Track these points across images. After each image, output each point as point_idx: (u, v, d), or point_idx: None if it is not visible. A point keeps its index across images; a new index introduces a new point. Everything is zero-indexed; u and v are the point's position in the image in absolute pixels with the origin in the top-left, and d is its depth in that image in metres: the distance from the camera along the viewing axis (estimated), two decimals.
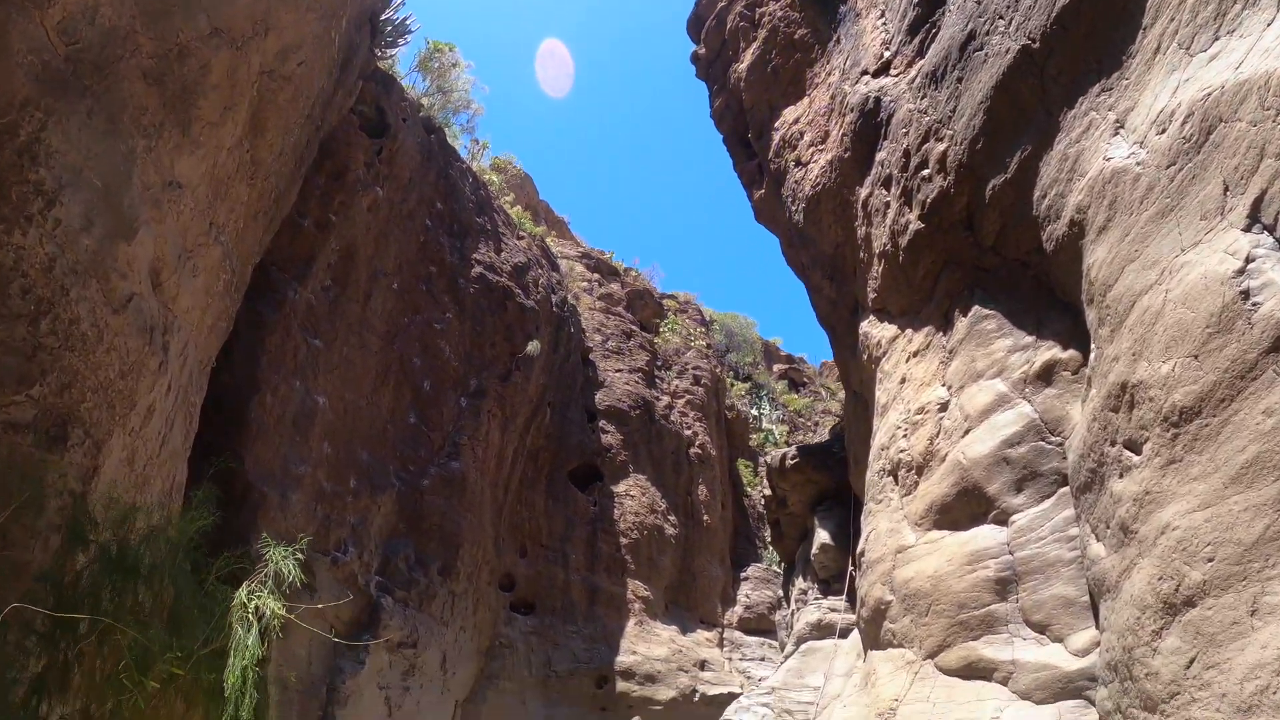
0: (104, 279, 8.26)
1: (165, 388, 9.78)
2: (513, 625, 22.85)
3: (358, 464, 19.00)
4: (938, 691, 9.28)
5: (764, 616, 27.82)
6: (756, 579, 28.73)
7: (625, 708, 23.33)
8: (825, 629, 17.05)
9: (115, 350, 8.38)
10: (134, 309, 8.69)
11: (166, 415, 10.27)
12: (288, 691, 16.21)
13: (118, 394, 8.49)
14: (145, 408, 9.21)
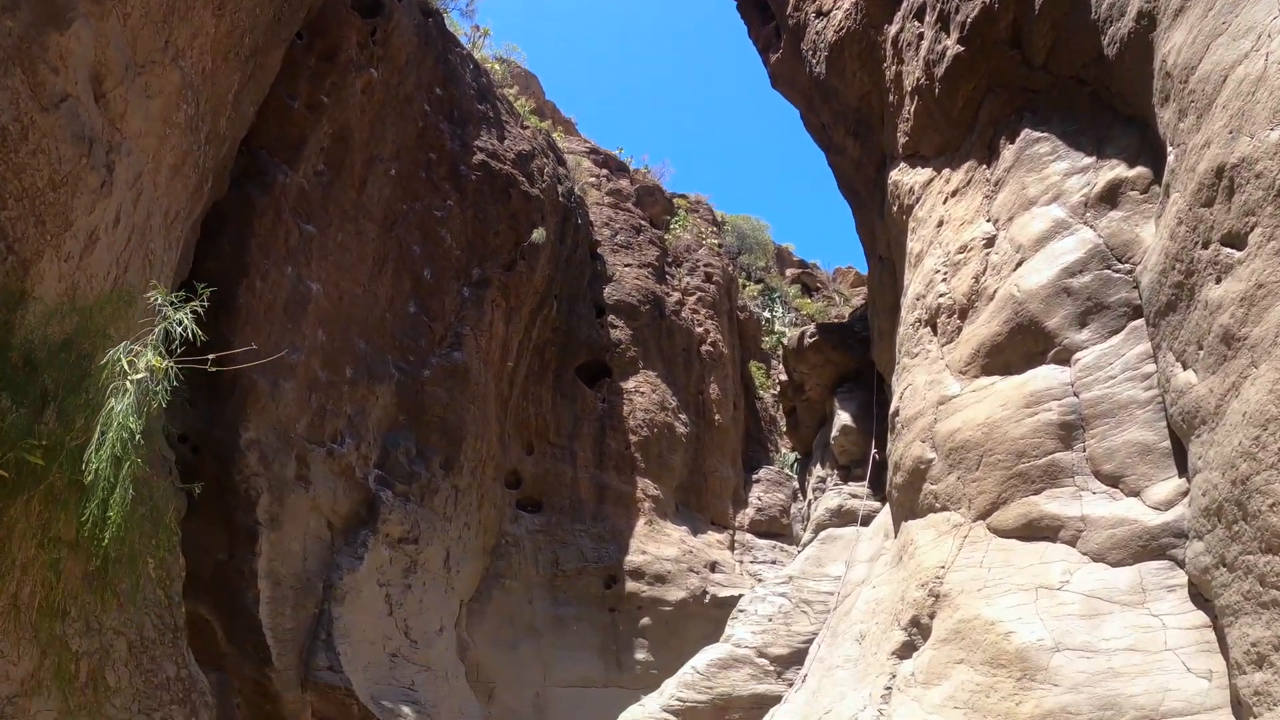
0: (30, 69, 7.08)
1: (112, 217, 8.63)
2: (519, 523, 21.94)
3: (354, 353, 17.93)
4: (992, 556, 8.22)
5: (776, 519, 26.90)
6: (769, 481, 27.76)
7: (634, 608, 22.50)
8: (846, 516, 16.02)
9: (44, 154, 7.21)
10: (68, 112, 7.51)
11: (117, 254, 9.14)
12: (280, 587, 15.30)
13: (48, 207, 7.34)
14: (86, 233, 8.06)
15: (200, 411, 14.62)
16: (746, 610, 15.70)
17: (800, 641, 14.98)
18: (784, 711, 12.56)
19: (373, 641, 16.80)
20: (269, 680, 14.68)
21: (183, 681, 10.96)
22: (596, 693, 21.80)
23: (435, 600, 18.71)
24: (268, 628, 14.79)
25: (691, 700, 14.86)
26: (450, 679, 18.42)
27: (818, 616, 15.02)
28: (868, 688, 9.46)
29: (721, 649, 15.40)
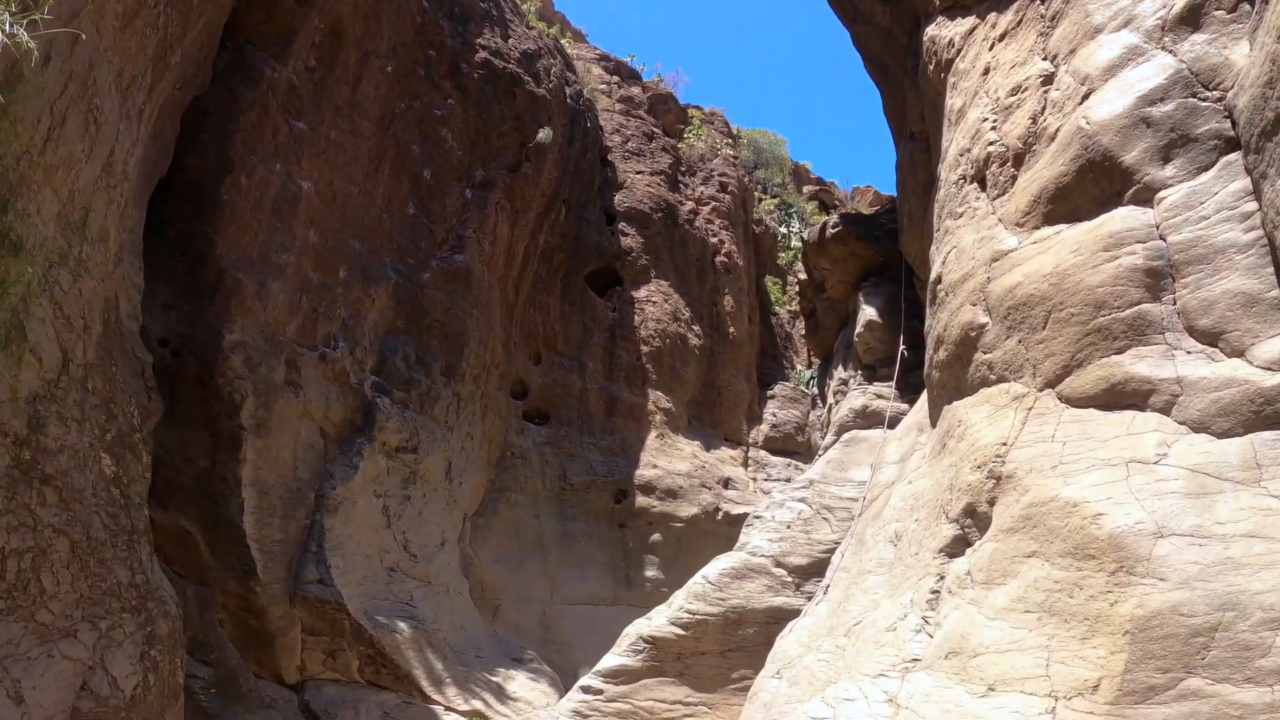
0: None
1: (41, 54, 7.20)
2: (525, 435, 20.70)
3: (349, 254, 16.56)
4: (1066, 429, 6.78)
5: (790, 436, 25.63)
6: (784, 398, 26.44)
7: (644, 523, 21.32)
8: (871, 417, 14.68)
9: None
10: None
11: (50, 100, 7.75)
12: (268, 497, 14.11)
13: None
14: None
15: (181, 314, 13.42)
16: (763, 517, 14.43)
17: (821, 551, 13.71)
18: (804, 625, 11.33)
19: (368, 555, 15.66)
20: (254, 594, 13.56)
21: (137, 588, 9.75)
22: (605, 610, 20.71)
23: (436, 513, 17.55)
24: (253, 539, 13.64)
25: (701, 612, 13.70)
26: (452, 594, 17.32)
27: (840, 524, 13.74)
28: (908, 593, 8.17)
29: (735, 558, 14.17)
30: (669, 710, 13.48)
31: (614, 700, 13.48)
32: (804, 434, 25.96)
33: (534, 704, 15.99)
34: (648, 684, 13.60)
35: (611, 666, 13.81)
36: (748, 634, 13.58)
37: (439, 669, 15.36)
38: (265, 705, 13.03)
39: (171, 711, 10.04)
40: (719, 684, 13.70)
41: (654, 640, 13.74)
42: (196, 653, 12.41)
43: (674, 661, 13.64)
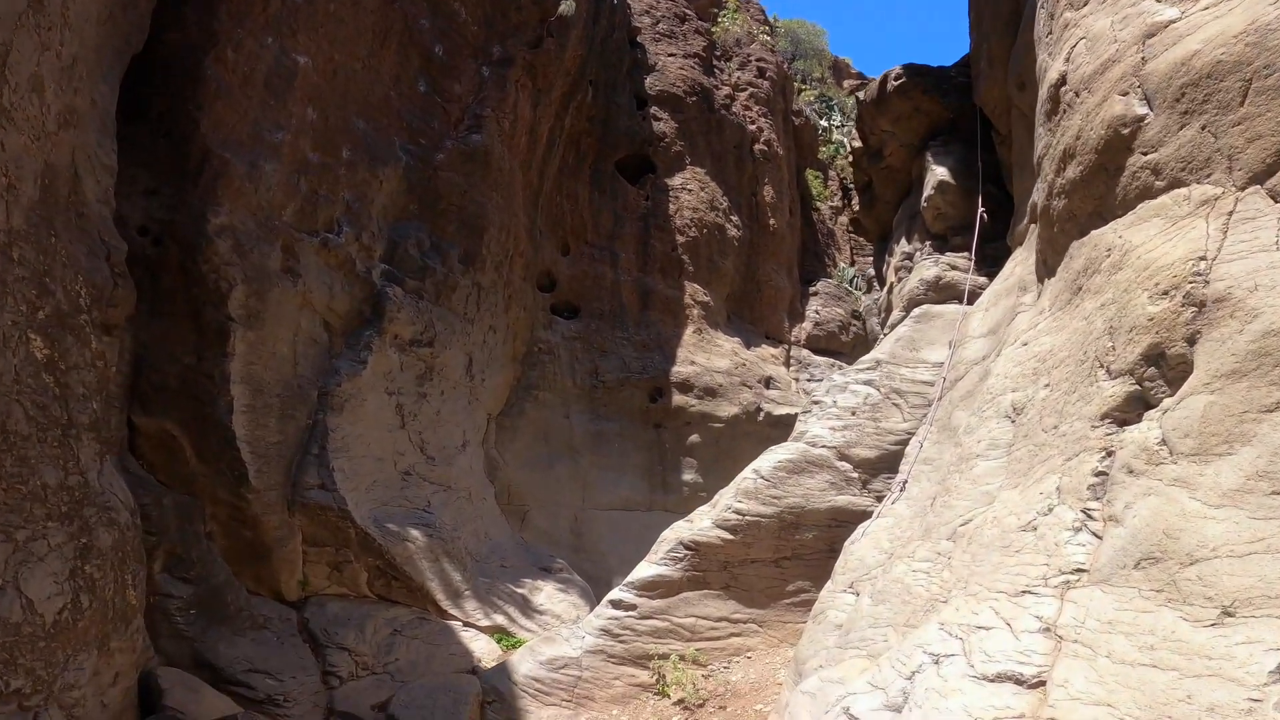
0: None
1: None
2: (553, 329, 18.42)
3: (352, 133, 14.13)
4: None
5: (834, 335, 23.22)
6: (827, 295, 23.95)
7: (681, 424, 19.10)
8: (946, 290, 12.27)
9: None
10: None
11: None
12: (263, 395, 11.92)
13: None
14: None
15: (163, 199, 11.31)
16: (823, 402, 12.11)
17: (892, 442, 11.44)
18: (880, 528, 9.12)
19: (380, 458, 13.54)
20: (246, 502, 11.48)
21: (70, 491, 7.63)
22: (640, 516, 18.63)
23: (456, 412, 15.39)
24: (244, 441, 11.53)
25: (753, 513, 11.50)
26: (475, 500, 15.23)
27: (913, 411, 11.44)
28: (1049, 479, 5.79)
29: (792, 449, 11.89)
30: (713, 629, 11.38)
31: (649, 617, 11.37)
32: (848, 333, 23.59)
33: (562, 617, 13.96)
34: (689, 598, 11.46)
35: (647, 577, 11.70)
36: (806, 539, 11.38)
37: (457, 580, 13.32)
38: (257, 626, 11.03)
39: (119, 637, 7.99)
40: (772, 598, 11.54)
41: (697, 546, 11.56)
42: (174, 569, 10.40)
43: (719, 571, 11.47)
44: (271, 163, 12.41)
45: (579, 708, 10.88)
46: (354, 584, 12.63)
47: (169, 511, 10.54)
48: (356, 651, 11.65)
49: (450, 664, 12.09)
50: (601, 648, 11.30)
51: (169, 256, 11.31)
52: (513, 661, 11.46)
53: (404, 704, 10.20)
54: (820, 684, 6.92)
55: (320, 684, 11.04)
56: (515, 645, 12.98)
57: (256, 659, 10.60)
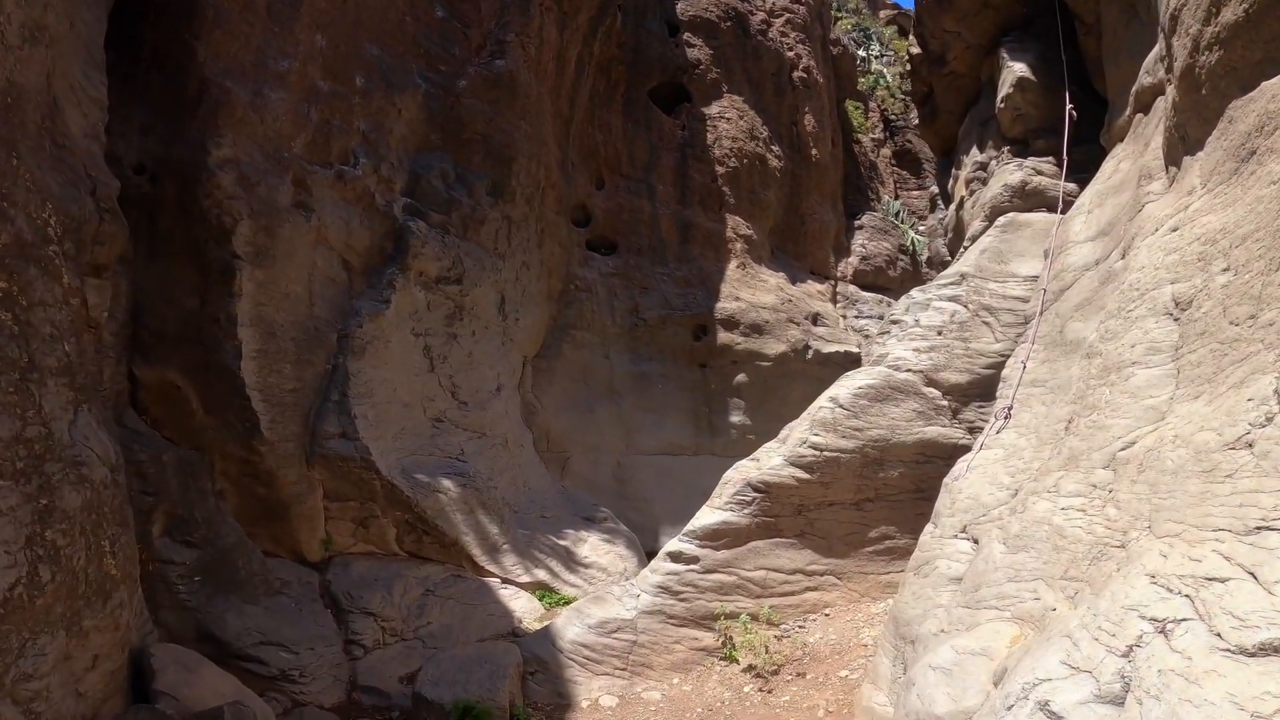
0: None
1: None
2: (590, 266, 16.79)
3: (365, 60, 12.49)
4: None
5: (881, 270, 21.43)
6: (873, 228, 22.11)
7: (728, 363, 17.49)
8: (1033, 197, 10.47)
9: None
10: None
11: None
12: (276, 339, 10.43)
13: None
14: None
15: (160, 135, 9.85)
16: (903, 321, 10.40)
17: (984, 366, 9.79)
18: (991, 460, 7.52)
19: (407, 403, 12.06)
20: (259, 455, 10.06)
21: (29, 445, 6.17)
22: (686, 460, 17.11)
23: (489, 354, 13.87)
24: (255, 389, 10.09)
25: (831, 448, 9.86)
26: (512, 447, 13.76)
27: (1005, 330, 9.76)
28: (1255, 381, 4.02)
29: (873, 374, 10.20)
30: (786, 582, 9.84)
31: (713, 571, 9.81)
32: (895, 268, 21.79)
33: (609, 570, 12.52)
34: (758, 547, 9.88)
35: (710, 525, 10.07)
36: (891, 477, 9.78)
37: (494, 534, 11.87)
38: (272, 591, 9.60)
39: (95, 614, 6.56)
40: (852, 546, 9.95)
41: (767, 488, 9.94)
42: (175, 532, 8.98)
43: (793, 517, 9.89)
44: (278, 91, 10.89)
45: (634, 677, 9.38)
46: (381, 541, 11.21)
47: (169, 468, 9.11)
48: (383, 616, 10.22)
49: (488, 626, 10.66)
50: (659, 607, 9.76)
51: (166, 193, 9.88)
52: (558, 625, 9.95)
53: (433, 679, 8.69)
54: (957, 657, 5.38)
55: (342, 655, 9.62)
56: (559, 603, 11.55)
57: (270, 629, 9.19)
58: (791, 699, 8.65)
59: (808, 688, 8.77)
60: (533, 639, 9.95)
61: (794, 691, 8.77)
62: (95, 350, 8.75)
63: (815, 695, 8.58)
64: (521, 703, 8.92)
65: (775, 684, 8.92)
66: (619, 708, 9.01)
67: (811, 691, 8.66)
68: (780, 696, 8.75)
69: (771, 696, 8.80)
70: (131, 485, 8.43)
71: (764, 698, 8.81)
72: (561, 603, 11.53)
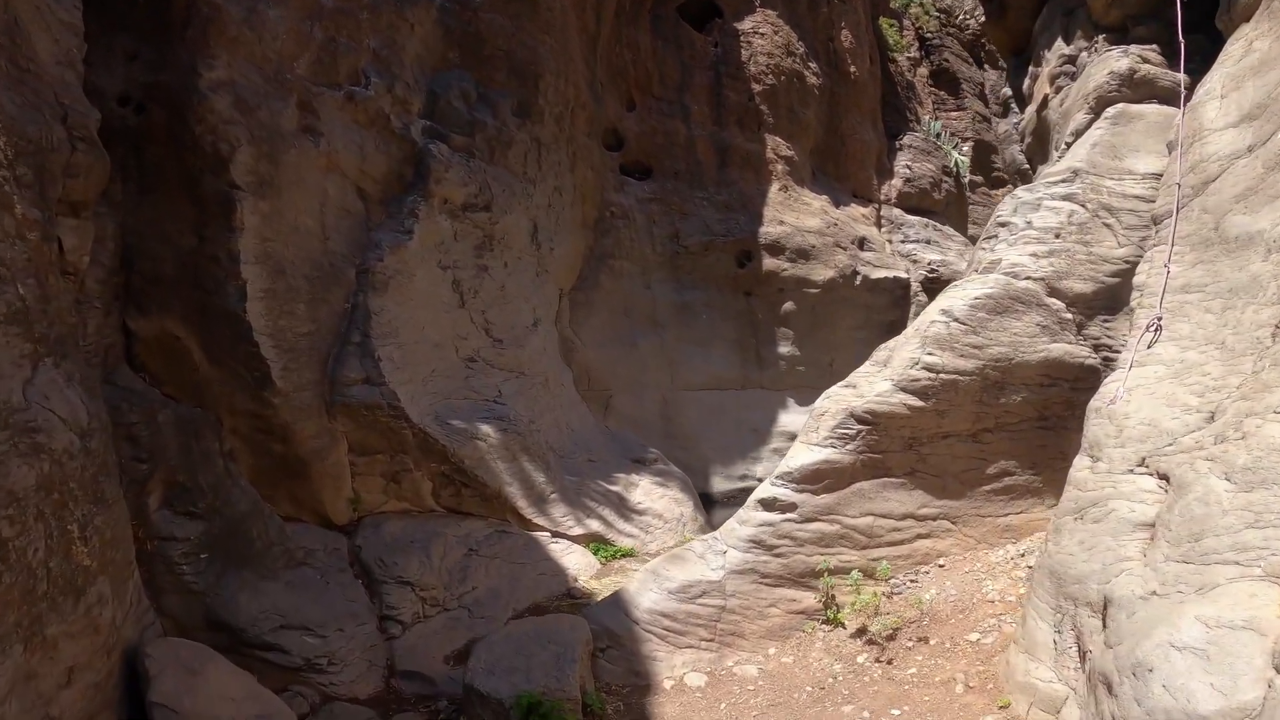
0: None
1: None
2: (625, 191, 15.07)
3: None
4: None
5: (926, 193, 19.53)
6: (915, 149, 20.14)
7: (774, 290, 15.81)
8: (1142, 86, 8.69)
9: None
10: None
11: None
12: (285, 276, 8.76)
13: None
14: None
15: (146, 62, 8.29)
16: (1013, 224, 8.62)
17: (1109, 273, 8.10)
18: (1155, 378, 5.92)
19: (437, 343, 10.52)
20: (272, 409, 8.54)
21: None
22: (734, 395, 15.55)
23: (523, 286, 12.27)
24: (265, 333, 8.54)
25: (948, 369, 8.11)
26: (552, 387, 12.22)
27: (1128, 233, 8.05)
28: None
29: (990, 282, 8.41)
30: (895, 530, 8.19)
31: (813, 519, 8.14)
32: (940, 190, 19.88)
33: (664, 516, 11.06)
34: (863, 490, 8.18)
35: (809, 465, 8.27)
36: (1012, 403, 8.12)
37: (540, 482, 10.36)
38: (294, 563, 8.07)
39: (63, 618, 5.03)
40: (968, 485, 8.26)
41: (874, 419, 8.21)
42: (176, 502, 7.44)
43: (903, 452, 8.22)
44: (275, 8, 9.22)
45: (723, 648, 7.80)
46: (416, 497, 9.72)
47: (167, 429, 7.57)
48: (422, 584, 8.67)
49: (539, 587, 9.17)
50: (751, 565, 8.08)
51: (154, 123, 8.28)
52: (630, 592, 8.30)
53: (487, 666, 7.00)
54: (1209, 633, 3.78)
55: (377, 634, 8.06)
56: (615, 555, 10.09)
57: (291, 610, 7.66)
58: (919, 671, 7.05)
59: (934, 655, 7.18)
60: (601, 609, 8.29)
61: (919, 661, 7.18)
62: (76, 300, 7.29)
63: (946, 665, 7.00)
64: (592, 687, 7.34)
65: (893, 651, 7.35)
66: (709, 687, 7.43)
67: (940, 660, 7.09)
68: (904, 668, 7.16)
69: (893, 668, 7.21)
70: (122, 452, 6.96)
71: (884, 670, 7.22)
72: (619, 555, 10.09)
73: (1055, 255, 8.15)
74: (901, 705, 6.67)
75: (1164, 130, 8.45)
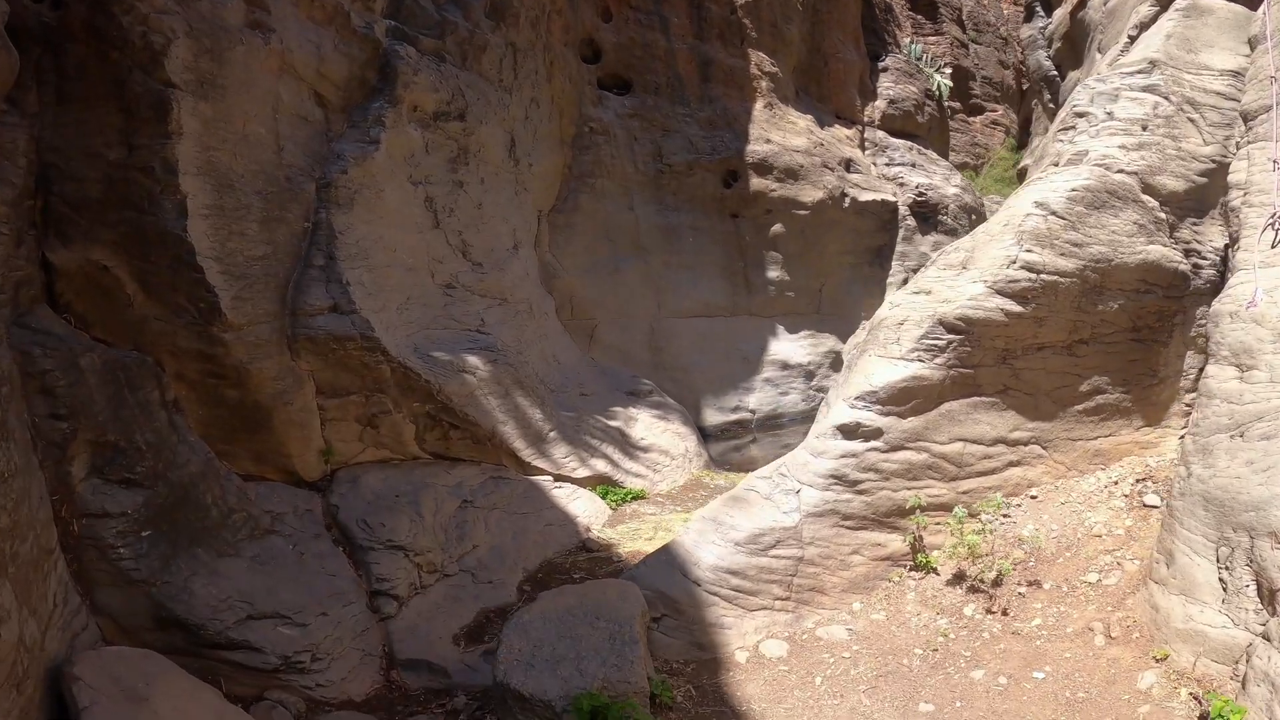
0: None
1: None
2: (604, 106, 13.41)
3: None
4: None
5: (910, 115, 18.08)
6: (898, 71, 18.62)
7: (762, 211, 14.36)
8: None
9: None
10: None
11: None
12: (235, 192, 6.87)
13: None
14: None
15: None
16: (1091, 114, 7.21)
17: (1199, 172, 6.81)
18: None
19: (411, 267, 8.95)
20: (222, 346, 6.91)
21: None
22: (723, 323, 14.17)
23: (501, 206, 10.71)
24: (210, 256, 6.89)
25: (1050, 269, 6.73)
26: (537, 315, 10.75)
27: (1212, 130, 6.78)
28: None
29: (1086, 174, 6.96)
30: (987, 456, 6.84)
31: (900, 447, 6.76)
32: (923, 114, 18.47)
33: (670, 452, 9.74)
34: (952, 411, 6.81)
35: (896, 382, 6.82)
36: (1109, 311, 6.81)
37: (537, 419, 8.90)
38: (259, 532, 6.44)
39: None
40: (1060, 404, 6.95)
41: (968, 327, 6.80)
42: (108, 469, 5.77)
43: (995, 366, 6.86)
44: None
45: (801, 607, 6.42)
46: (397, 443, 8.17)
47: (93, 378, 5.90)
48: (415, 548, 7.08)
49: (549, 540, 7.73)
50: (832, 505, 6.67)
51: (75, 17, 6.52)
52: (685, 545, 6.75)
53: (524, 656, 5.34)
54: None
55: (368, 616, 6.42)
56: (625, 499, 8.74)
57: (260, 594, 5.98)
58: (1044, 622, 5.79)
59: (1053, 602, 5.91)
60: (651, 569, 6.67)
61: (1039, 610, 5.91)
62: None
63: (1073, 613, 5.75)
64: (651, 668, 5.84)
65: (1004, 599, 6.07)
66: (793, 657, 6.03)
67: (1063, 608, 5.83)
68: (1024, 619, 5.87)
69: (1010, 619, 5.93)
70: (35, 409, 5.40)
71: (1002, 623, 5.92)
72: (629, 498, 8.75)
73: (1145, 149, 6.84)
74: (1041, 665, 5.39)
75: (1236, 27, 7.25)
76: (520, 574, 7.22)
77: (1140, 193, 6.77)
